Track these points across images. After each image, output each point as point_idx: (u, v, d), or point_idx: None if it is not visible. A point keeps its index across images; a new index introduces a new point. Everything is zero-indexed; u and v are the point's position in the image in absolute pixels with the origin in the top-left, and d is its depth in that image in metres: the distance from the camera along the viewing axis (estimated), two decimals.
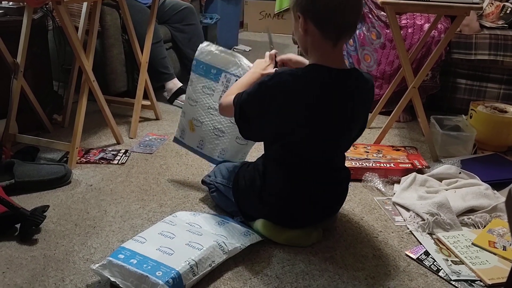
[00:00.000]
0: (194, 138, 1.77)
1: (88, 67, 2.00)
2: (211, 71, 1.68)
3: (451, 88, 2.66)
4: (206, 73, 1.69)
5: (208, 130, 1.71)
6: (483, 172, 1.90)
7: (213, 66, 1.68)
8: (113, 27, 2.57)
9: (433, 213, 1.58)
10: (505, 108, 2.25)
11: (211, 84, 1.69)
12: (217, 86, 1.68)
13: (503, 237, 1.51)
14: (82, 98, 2.02)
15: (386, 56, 2.55)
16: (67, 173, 1.81)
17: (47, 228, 1.54)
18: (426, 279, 1.35)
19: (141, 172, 1.94)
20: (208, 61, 1.69)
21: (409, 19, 2.50)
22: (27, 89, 2.14)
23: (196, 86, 1.72)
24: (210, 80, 1.69)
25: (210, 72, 1.68)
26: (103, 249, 1.44)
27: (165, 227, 1.43)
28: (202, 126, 1.72)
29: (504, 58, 2.46)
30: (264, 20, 5.12)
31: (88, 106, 2.07)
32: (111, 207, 1.67)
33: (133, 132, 2.32)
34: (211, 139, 1.71)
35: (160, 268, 1.21)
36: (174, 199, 1.74)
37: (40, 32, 2.30)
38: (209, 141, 1.72)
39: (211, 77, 1.69)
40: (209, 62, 1.69)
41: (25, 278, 1.31)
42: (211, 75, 1.68)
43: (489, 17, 2.64)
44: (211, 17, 3.72)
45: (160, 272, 1.20)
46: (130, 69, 2.72)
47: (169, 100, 2.79)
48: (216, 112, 1.66)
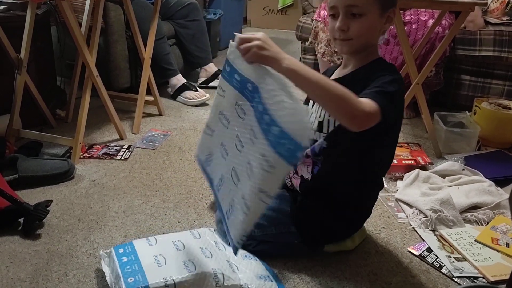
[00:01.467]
0: (218, 172, 1.21)
1: (91, 62, 2.00)
2: (234, 77, 1.12)
3: (455, 85, 2.65)
4: (230, 77, 1.14)
5: (228, 168, 1.15)
6: (486, 168, 1.89)
7: (238, 72, 1.10)
8: (117, 23, 2.57)
9: (436, 210, 1.58)
10: (509, 105, 2.24)
11: (245, 103, 1.10)
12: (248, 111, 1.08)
13: (506, 234, 1.51)
14: (86, 93, 2.03)
15: (389, 52, 2.54)
16: (70, 168, 1.82)
17: (50, 223, 1.54)
18: (429, 276, 1.35)
19: (144, 168, 1.95)
20: (232, 61, 1.13)
21: (413, 15, 2.49)
22: (31, 84, 2.15)
23: (230, 99, 1.15)
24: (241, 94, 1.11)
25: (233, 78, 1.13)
26: (106, 244, 1.44)
27: (184, 237, 1.35)
28: (227, 159, 1.17)
29: (509, 54, 2.44)
30: (268, 15, 5.10)
31: (91, 101, 2.07)
32: (114, 202, 1.68)
33: (136, 127, 2.32)
34: (228, 182, 1.16)
35: (137, 275, 1.18)
36: (177, 194, 1.74)
37: (43, 27, 2.30)
38: (226, 185, 1.17)
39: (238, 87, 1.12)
40: (233, 62, 1.13)
41: (29, 272, 1.31)
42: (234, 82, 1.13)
43: (494, 13, 2.62)
44: (214, 13, 3.72)
45: (133, 279, 1.17)
46: (133, 65, 2.72)
47: (173, 96, 2.79)
48: (240, 145, 1.11)
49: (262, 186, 1.01)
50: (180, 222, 1.58)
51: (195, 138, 2.25)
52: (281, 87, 0.98)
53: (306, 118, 0.97)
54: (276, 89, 0.98)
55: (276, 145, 0.97)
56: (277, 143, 0.96)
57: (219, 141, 1.19)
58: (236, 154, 1.11)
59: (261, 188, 1.01)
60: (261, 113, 1.01)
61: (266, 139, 0.99)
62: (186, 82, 2.77)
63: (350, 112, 1.06)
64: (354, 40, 1.24)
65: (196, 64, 3.11)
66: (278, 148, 0.96)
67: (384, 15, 1.25)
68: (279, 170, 0.99)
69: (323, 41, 2.66)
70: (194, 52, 3.04)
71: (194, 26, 3.03)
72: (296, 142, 0.94)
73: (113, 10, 2.53)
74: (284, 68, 1.04)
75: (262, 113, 1.00)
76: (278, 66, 1.04)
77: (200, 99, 2.70)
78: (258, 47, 1.05)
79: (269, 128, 0.98)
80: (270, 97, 0.99)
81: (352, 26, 1.22)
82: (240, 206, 1.06)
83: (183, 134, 2.29)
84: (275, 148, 0.97)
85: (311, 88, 1.06)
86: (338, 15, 1.24)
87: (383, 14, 1.24)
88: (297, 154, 0.95)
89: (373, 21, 1.23)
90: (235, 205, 1.09)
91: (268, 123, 0.99)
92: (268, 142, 0.98)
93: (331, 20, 1.28)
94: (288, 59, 1.06)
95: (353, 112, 1.06)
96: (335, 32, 1.25)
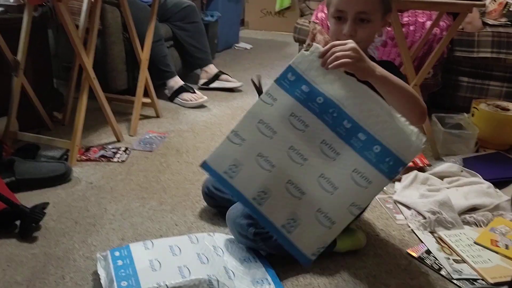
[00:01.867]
0: (253, 184, 1.14)
1: (88, 64, 2.00)
2: (299, 87, 1.09)
3: (453, 86, 2.65)
4: (292, 86, 1.10)
5: (279, 181, 1.12)
6: (485, 170, 1.89)
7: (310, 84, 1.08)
8: (114, 25, 2.56)
9: (434, 212, 1.57)
10: (507, 106, 2.24)
11: (306, 115, 1.09)
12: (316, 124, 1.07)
13: (505, 235, 1.51)
14: (83, 95, 2.02)
15: (387, 54, 2.53)
16: (67, 171, 1.81)
17: (47, 225, 1.53)
18: (428, 278, 1.34)
19: (141, 170, 1.94)
20: (303, 71, 1.09)
21: (411, 17, 2.49)
22: (28, 86, 2.14)
23: (281, 109, 1.11)
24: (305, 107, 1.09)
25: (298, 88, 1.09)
26: (103, 247, 1.43)
27: (181, 242, 1.35)
28: (272, 171, 1.12)
29: (507, 56, 2.44)
30: (265, 17, 5.10)
31: (89, 103, 2.06)
32: (111, 205, 1.67)
33: (133, 129, 2.31)
34: (280, 195, 1.12)
35: (131, 279, 1.18)
36: (175, 197, 1.74)
37: (40, 29, 2.29)
38: (276, 198, 1.12)
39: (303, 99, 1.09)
40: (303, 73, 1.09)
41: (26, 275, 1.30)
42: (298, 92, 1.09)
43: (492, 15, 2.62)
44: (212, 15, 3.72)
45: (126, 283, 1.17)
46: (130, 67, 2.71)
47: (170, 98, 2.78)
48: (299, 158, 1.10)
49: (355, 200, 1.04)
50: (177, 224, 1.57)
51: (193, 140, 2.24)
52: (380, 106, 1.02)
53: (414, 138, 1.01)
54: (375, 109, 1.02)
55: (377, 162, 1.01)
56: (379, 161, 1.01)
57: (254, 152, 1.13)
58: (293, 167, 1.09)
59: (353, 202, 1.04)
60: (350, 130, 1.04)
61: (362, 156, 1.03)
62: (183, 84, 2.76)
63: (421, 110, 1.16)
64: (360, 44, 1.25)
65: (196, 65, 3.10)
66: (380, 165, 1.01)
67: (384, 18, 1.30)
68: (377, 184, 1.03)
69: (321, 43, 2.65)
70: (194, 53, 3.04)
71: (193, 28, 3.03)
72: (400, 159, 1.00)
73: (111, 12, 2.53)
74: (378, 75, 1.11)
75: (352, 130, 1.04)
76: (372, 75, 1.11)
77: (197, 101, 2.70)
78: (356, 58, 1.09)
79: (369, 146, 1.02)
80: (367, 117, 1.03)
81: (359, 31, 1.25)
82: (313, 220, 1.07)
83: (181, 136, 2.28)
84: (376, 165, 1.02)
85: (395, 91, 1.13)
86: (344, 19, 1.26)
87: (383, 18, 1.30)
88: (399, 170, 1.02)
89: (377, 26, 1.29)
90: (301, 219, 1.08)
91: (364, 141, 1.02)
92: (365, 159, 1.02)
93: (335, 22, 1.28)
94: (377, 66, 1.12)
95: (422, 109, 1.17)
96: (341, 36, 1.26)
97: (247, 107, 1.18)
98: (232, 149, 1.14)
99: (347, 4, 1.24)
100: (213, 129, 2.39)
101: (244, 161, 1.13)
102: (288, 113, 1.09)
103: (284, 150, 1.10)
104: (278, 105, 1.10)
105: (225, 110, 2.66)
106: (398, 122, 1.01)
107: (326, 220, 1.06)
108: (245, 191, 1.14)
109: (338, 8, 1.26)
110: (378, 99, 1.03)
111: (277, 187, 1.11)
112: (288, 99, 1.09)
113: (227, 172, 1.16)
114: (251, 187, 1.13)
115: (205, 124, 2.45)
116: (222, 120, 2.51)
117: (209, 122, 2.48)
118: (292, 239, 1.11)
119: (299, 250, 1.10)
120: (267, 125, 1.11)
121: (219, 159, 1.17)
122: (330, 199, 1.05)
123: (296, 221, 1.09)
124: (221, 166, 1.16)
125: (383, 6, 1.27)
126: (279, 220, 1.12)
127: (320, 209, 1.06)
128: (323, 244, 1.08)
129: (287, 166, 1.10)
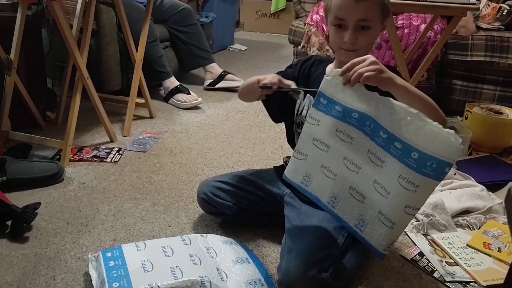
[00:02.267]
0: (325, 191, 1.26)
1: (82, 64, 1.99)
2: (334, 108, 1.18)
3: (447, 89, 2.66)
4: (328, 108, 1.19)
5: (343, 188, 1.22)
6: (478, 173, 1.89)
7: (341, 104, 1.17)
8: (109, 26, 2.55)
9: (428, 214, 1.58)
10: (500, 110, 2.25)
11: (349, 129, 1.17)
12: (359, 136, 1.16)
13: (498, 238, 1.51)
14: (76, 95, 2.01)
15: (381, 56, 2.54)
16: (59, 171, 1.80)
17: (38, 226, 1.52)
18: (421, 280, 1.34)
19: (134, 171, 1.93)
20: (331, 95, 1.18)
21: (405, 20, 2.50)
22: (21, 85, 2.12)
23: (326, 128, 1.21)
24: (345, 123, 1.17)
25: (333, 109, 1.19)
26: (94, 248, 1.42)
27: (174, 243, 1.33)
28: (336, 179, 1.22)
29: (500, 59, 2.45)
30: (260, 19, 5.11)
31: (82, 103, 2.05)
32: (104, 206, 1.66)
33: (126, 130, 2.30)
34: (347, 199, 1.22)
35: (122, 280, 1.17)
36: (167, 198, 1.73)
37: (34, 28, 2.28)
38: (344, 202, 1.23)
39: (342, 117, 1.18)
40: (331, 96, 1.18)
41: (16, 276, 1.29)
42: (334, 112, 1.19)
43: (486, 19, 2.64)
44: (207, 16, 3.71)
45: (118, 284, 1.16)
46: (125, 68, 2.70)
47: (165, 98, 2.77)
48: (354, 167, 1.18)
49: (408, 202, 1.08)
50: (170, 225, 1.56)
51: (186, 141, 2.23)
52: (409, 114, 1.06)
53: (452, 138, 1.02)
54: (405, 118, 1.06)
55: (419, 167, 1.05)
56: (420, 166, 1.05)
57: (317, 164, 1.25)
58: (351, 175, 1.19)
59: (407, 204, 1.09)
60: (387, 140, 1.09)
61: (403, 163, 1.07)
62: (179, 85, 2.76)
63: (440, 118, 1.15)
64: (361, 50, 1.27)
65: (197, 64, 3.09)
66: (422, 169, 1.04)
67: (382, 24, 1.31)
68: (425, 187, 1.07)
69: (316, 45, 2.66)
70: (195, 52, 3.03)
71: (191, 29, 3.03)
72: (442, 161, 1.02)
73: (105, 12, 2.52)
74: (399, 85, 1.13)
75: (389, 140, 1.09)
76: (394, 85, 1.13)
77: (191, 102, 2.69)
78: (379, 71, 1.10)
79: (407, 153, 1.06)
80: (399, 127, 1.07)
81: (360, 39, 1.26)
82: (377, 221, 1.14)
83: (174, 137, 2.27)
84: (418, 170, 1.05)
85: (417, 100, 1.15)
86: (345, 27, 1.26)
87: (381, 24, 1.30)
88: (446, 170, 1.04)
89: (377, 32, 1.30)
90: (367, 219, 1.17)
91: (401, 149, 1.07)
92: (407, 166, 1.06)
93: (335, 30, 1.28)
94: (397, 77, 1.15)
95: (442, 117, 1.17)
96: (342, 43, 1.27)
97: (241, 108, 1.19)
98: (300, 164, 1.29)
99: (348, 12, 1.23)
100: (207, 130, 2.38)
101: (313, 172, 1.27)
102: (334, 130, 1.19)
103: (340, 161, 1.20)
104: (323, 124, 1.21)
105: (219, 111, 2.65)
106: (431, 126, 1.04)
107: (387, 221, 1.12)
108: (321, 196, 1.27)
109: (338, 16, 1.25)
110: (405, 107, 1.07)
111: (342, 193, 1.22)
112: (329, 119, 1.20)
113: (303, 182, 1.30)
114: (324, 193, 1.25)
115: (199, 125, 2.45)
116: (216, 121, 2.50)
117: (203, 123, 2.48)
118: (365, 237, 1.19)
119: (372, 246, 1.17)
120: (321, 141, 1.23)
121: (293, 173, 1.32)
122: (387, 202, 1.11)
123: (364, 221, 1.18)
124: (296, 178, 1.31)
125: (382, 12, 1.27)
126: (351, 220, 1.21)
127: (381, 211, 1.13)
128: (391, 242, 1.16)
129: (346, 174, 1.20)
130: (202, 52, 3.05)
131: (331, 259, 1.26)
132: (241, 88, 1.44)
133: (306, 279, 1.21)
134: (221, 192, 1.51)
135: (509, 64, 2.44)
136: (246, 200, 1.51)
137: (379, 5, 1.25)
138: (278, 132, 2.35)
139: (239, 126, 2.44)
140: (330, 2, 1.28)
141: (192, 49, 3.02)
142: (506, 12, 2.60)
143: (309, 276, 1.21)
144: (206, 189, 1.53)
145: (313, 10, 2.76)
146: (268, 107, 1.49)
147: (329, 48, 2.55)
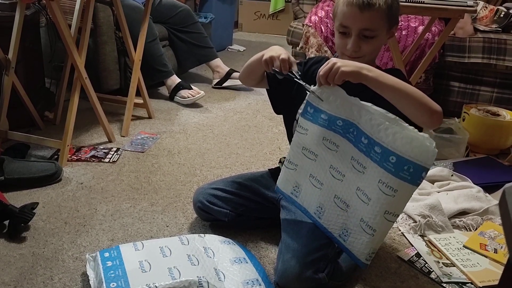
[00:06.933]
0: (312, 201, 1.28)
1: (80, 64, 1.99)
2: (320, 117, 1.22)
3: (444, 91, 2.67)
4: (314, 117, 1.23)
5: (328, 197, 1.24)
6: (475, 174, 1.90)
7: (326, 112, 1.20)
8: (106, 25, 2.55)
9: (425, 215, 1.58)
10: (497, 112, 2.25)
11: (334, 137, 1.20)
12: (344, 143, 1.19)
13: (494, 239, 1.52)
14: (74, 95, 2.01)
15: (379, 58, 2.54)
16: (57, 171, 1.80)
17: (36, 225, 1.52)
18: (417, 281, 1.35)
19: (133, 171, 1.93)
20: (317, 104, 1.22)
21: (403, 21, 2.50)
22: (19, 85, 2.12)
23: (314, 136, 1.24)
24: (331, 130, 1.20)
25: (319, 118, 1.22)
26: (92, 248, 1.42)
27: (172, 243, 1.33)
28: (322, 188, 1.25)
29: (497, 61, 2.46)
30: (259, 20, 5.11)
31: (80, 103, 2.05)
32: (102, 206, 1.66)
33: (125, 130, 2.30)
34: (332, 209, 1.24)
35: (120, 280, 1.17)
36: (166, 198, 1.73)
37: (32, 28, 2.28)
38: (329, 211, 1.24)
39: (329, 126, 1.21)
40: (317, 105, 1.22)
41: (13, 276, 1.29)
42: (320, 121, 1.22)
43: (483, 21, 2.65)
44: (205, 16, 3.71)
45: (115, 284, 1.16)
46: (123, 67, 2.70)
47: (170, 97, 2.79)
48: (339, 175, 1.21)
49: (387, 208, 1.10)
50: (168, 226, 1.56)
51: (185, 141, 2.23)
52: (387, 119, 1.08)
53: (427, 143, 1.05)
54: (383, 122, 1.08)
55: (397, 171, 1.07)
56: (398, 170, 1.07)
57: (306, 174, 1.29)
58: (335, 183, 1.21)
59: (386, 210, 1.10)
60: (368, 145, 1.12)
61: (382, 167, 1.09)
62: (181, 82, 2.77)
63: (429, 109, 1.16)
64: (365, 57, 1.28)
65: (197, 62, 3.10)
66: (400, 174, 1.07)
67: (389, 32, 1.31)
68: (403, 192, 1.08)
69: (314, 46, 2.66)
70: (194, 50, 3.04)
71: (191, 29, 3.04)
72: (419, 165, 1.05)
73: (103, 11, 2.51)
74: (369, 77, 1.13)
75: (369, 145, 1.11)
76: (362, 77, 1.13)
77: (195, 96, 2.71)
78: (343, 65, 1.13)
79: (385, 158, 1.08)
80: (378, 131, 1.10)
81: (363, 46, 1.27)
82: (359, 229, 1.16)
83: (173, 137, 2.28)
84: (396, 174, 1.07)
85: (394, 90, 1.14)
86: (349, 34, 1.27)
87: (388, 31, 1.30)
88: (422, 175, 1.06)
89: (382, 40, 1.30)
90: (350, 228, 1.19)
91: (381, 154, 1.09)
92: (386, 170, 1.08)
93: (340, 36, 1.29)
94: (367, 67, 1.15)
95: (432, 108, 1.16)
96: (346, 50, 1.28)
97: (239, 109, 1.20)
98: (291, 174, 1.33)
99: (352, 21, 1.24)
100: (205, 130, 2.39)
101: (302, 182, 1.30)
102: (321, 138, 1.23)
103: (326, 169, 1.23)
104: (310, 133, 1.25)
105: (218, 112, 2.66)
106: (407, 131, 1.06)
107: (368, 228, 1.14)
108: (308, 207, 1.30)
109: (343, 24, 1.27)
110: (383, 112, 1.09)
111: (328, 202, 1.24)
112: (316, 128, 1.23)
113: (293, 193, 1.34)
114: (311, 203, 1.28)
115: (197, 125, 2.45)
116: (214, 122, 2.50)
117: (201, 123, 2.48)
118: (348, 247, 1.20)
119: (355, 256, 1.18)
120: (309, 150, 1.26)
121: (284, 183, 1.36)
122: (368, 209, 1.13)
123: (347, 230, 1.20)
124: (287, 189, 1.35)
125: (388, 21, 1.27)
126: (336, 230, 1.23)
127: (362, 218, 1.15)
128: (373, 250, 1.16)
129: (331, 182, 1.22)
130: (203, 50, 3.06)
131: (327, 259, 1.26)
132: (247, 64, 1.40)
133: (302, 280, 1.22)
134: (217, 200, 1.50)
135: (506, 66, 2.44)
136: (242, 206, 1.50)
137: (385, 14, 1.25)
138: (276, 133, 2.36)
139: (237, 126, 2.45)
140: (337, 8, 1.29)
141: (191, 48, 3.03)
142: (503, 14, 2.61)
143: (305, 277, 1.22)
144: (202, 197, 1.51)
145: (312, 11, 2.76)
146: (271, 94, 1.49)
147: (327, 49, 2.55)
